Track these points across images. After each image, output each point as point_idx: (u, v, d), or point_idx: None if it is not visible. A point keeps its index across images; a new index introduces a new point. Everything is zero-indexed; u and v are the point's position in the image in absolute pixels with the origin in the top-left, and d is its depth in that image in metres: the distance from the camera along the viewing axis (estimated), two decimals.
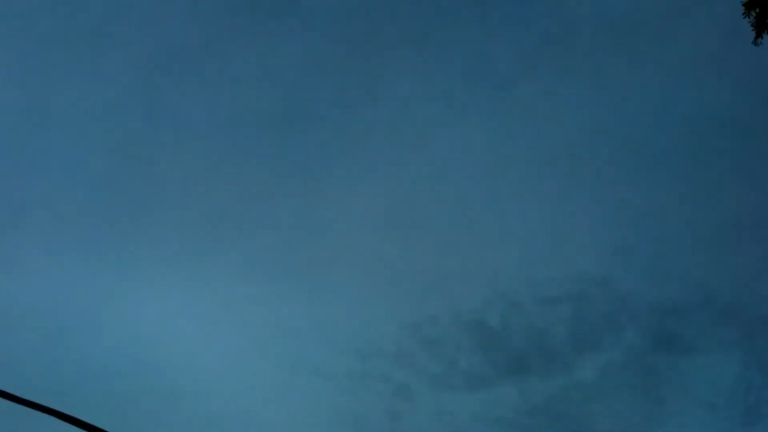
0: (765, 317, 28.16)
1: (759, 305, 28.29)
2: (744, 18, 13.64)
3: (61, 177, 31.57)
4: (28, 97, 31.85)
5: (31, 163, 31.67)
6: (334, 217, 31.63)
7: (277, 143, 32.55)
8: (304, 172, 32.17)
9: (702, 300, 29.04)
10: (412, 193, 31.99)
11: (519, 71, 32.27)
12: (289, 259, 31.34)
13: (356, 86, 32.67)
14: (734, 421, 27.39)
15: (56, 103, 31.91)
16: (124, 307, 29.61)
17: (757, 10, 13.49)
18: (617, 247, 30.47)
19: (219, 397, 28.01)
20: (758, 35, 13.64)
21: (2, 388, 8.74)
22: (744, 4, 13.67)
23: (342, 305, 30.01)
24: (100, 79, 32.05)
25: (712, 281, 29.51)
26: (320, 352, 29.16)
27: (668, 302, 29.37)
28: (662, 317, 29.26)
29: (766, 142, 30.17)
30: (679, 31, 31.41)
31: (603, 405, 28.15)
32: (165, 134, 32.39)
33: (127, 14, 32.21)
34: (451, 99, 32.40)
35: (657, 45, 31.52)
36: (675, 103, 31.46)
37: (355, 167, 32.36)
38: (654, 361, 28.87)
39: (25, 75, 31.94)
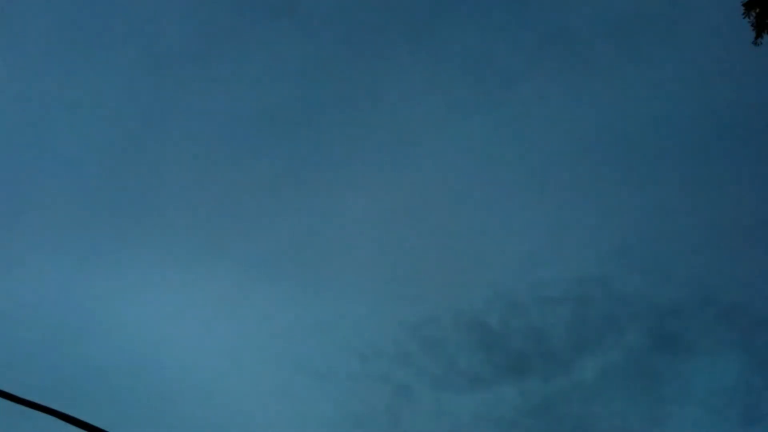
0: (765, 318, 28.17)
1: (759, 306, 28.31)
2: (744, 18, 13.65)
3: (60, 177, 31.60)
4: (27, 98, 31.87)
5: (31, 163, 31.70)
6: (334, 217, 31.66)
7: (277, 143, 32.58)
8: (304, 172, 32.20)
9: (702, 300, 29.06)
10: (413, 194, 32.02)
11: (519, 71, 32.29)
12: (289, 259, 31.37)
13: (357, 86, 32.70)
14: (734, 422, 27.41)
15: (56, 103, 31.94)
16: (124, 307, 29.64)
17: (757, 10, 13.49)
18: (617, 247, 30.48)
19: (219, 397, 28.03)
20: (758, 35, 13.64)
21: (2, 388, 8.73)
22: (744, 4, 13.68)
23: (342, 305, 30.04)
24: (100, 80, 32.07)
25: (712, 281, 29.54)
26: (321, 353, 29.19)
27: (668, 303, 29.40)
28: (662, 317, 29.29)
29: (766, 143, 30.18)
30: (679, 31, 31.43)
31: (603, 405, 28.17)
32: (164, 135, 32.41)
33: (127, 14, 32.24)
34: (452, 98, 32.43)
35: (657, 45, 31.54)
36: (675, 103, 31.48)
37: (355, 167, 32.39)
38: (654, 362, 28.90)
39: (25, 75, 31.96)
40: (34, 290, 29.25)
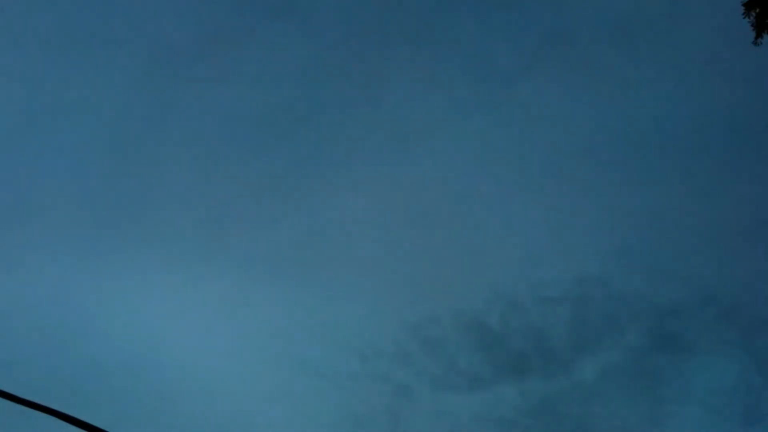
0: (765, 318, 28.18)
1: (759, 306, 28.31)
2: (744, 18, 13.64)
3: (61, 177, 31.60)
4: (28, 98, 31.87)
5: (31, 163, 31.70)
6: (334, 217, 31.66)
7: (277, 143, 32.58)
8: (304, 172, 32.20)
9: (702, 300, 29.07)
10: (413, 193, 32.02)
11: (520, 71, 32.29)
12: (289, 259, 31.37)
13: (357, 86, 32.70)
14: (734, 422, 27.42)
15: (56, 103, 31.93)
16: (124, 307, 29.64)
17: (757, 10, 13.49)
18: (617, 247, 30.49)
19: (219, 397, 28.03)
20: (758, 35, 13.63)
21: (2, 388, 8.72)
22: (744, 4, 13.66)
23: (342, 305, 30.04)
24: (100, 80, 32.07)
25: (712, 281, 29.54)
26: (321, 352, 29.19)
27: (668, 302, 29.41)
28: (662, 317, 29.29)
29: (767, 142, 30.18)
30: (679, 31, 31.43)
31: (603, 405, 28.18)
32: (164, 134, 32.41)
33: (127, 14, 32.24)
34: (452, 98, 32.43)
35: (657, 45, 31.54)
36: (675, 103, 31.49)
37: (355, 167, 32.39)
38: (654, 362, 28.90)
39: (25, 75, 31.96)
40: (34, 290, 29.26)
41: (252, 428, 27.27)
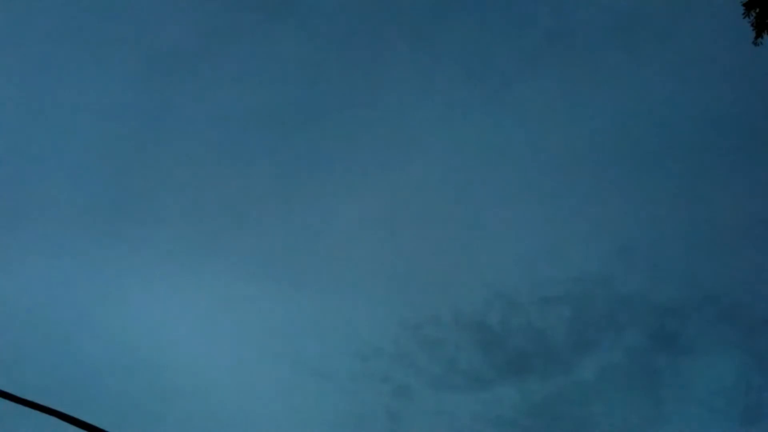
0: (765, 318, 28.18)
1: (759, 306, 28.32)
2: (744, 18, 13.63)
3: (61, 177, 31.60)
4: (27, 98, 31.87)
5: (31, 163, 31.70)
6: (334, 216, 31.66)
7: (277, 143, 32.58)
8: (303, 172, 32.20)
9: (702, 300, 29.07)
10: (412, 193, 32.02)
11: (519, 71, 32.30)
12: (289, 258, 31.37)
13: (356, 86, 32.70)
14: (734, 422, 27.41)
15: (56, 104, 31.93)
16: (123, 307, 29.64)
17: (757, 10, 13.47)
18: (618, 247, 30.49)
19: (219, 396, 28.03)
20: (758, 35, 13.61)
21: (2, 388, 8.74)
22: (744, 4, 13.65)
23: (342, 305, 30.04)
24: (100, 80, 32.08)
25: (712, 281, 29.54)
26: (320, 352, 29.19)
27: (668, 302, 29.41)
28: (662, 317, 29.30)
29: (767, 142, 30.18)
30: (679, 31, 31.43)
31: (603, 405, 28.17)
32: (164, 134, 32.42)
33: (127, 14, 32.24)
34: (451, 98, 32.43)
35: (658, 45, 31.55)
36: (675, 103, 31.49)
37: (355, 167, 32.39)
38: (654, 362, 28.90)
39: (25, 75, 31.96)
40: (34, 290, 29.26)
41: (251, 428, 27.28)
